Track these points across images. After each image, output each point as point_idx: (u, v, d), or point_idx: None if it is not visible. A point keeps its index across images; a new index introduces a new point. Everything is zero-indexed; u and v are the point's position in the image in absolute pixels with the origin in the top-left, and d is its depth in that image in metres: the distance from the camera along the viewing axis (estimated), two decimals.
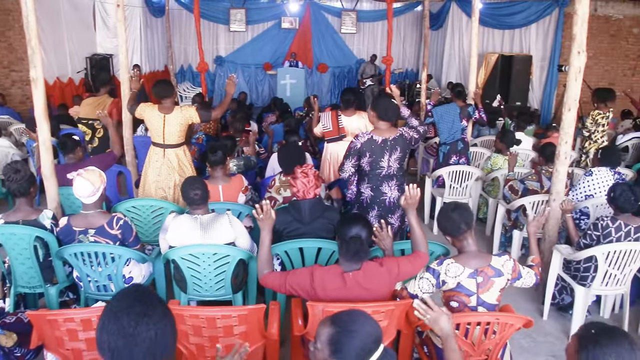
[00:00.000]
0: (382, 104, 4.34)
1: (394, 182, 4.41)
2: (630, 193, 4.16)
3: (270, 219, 3.32)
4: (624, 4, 14.21)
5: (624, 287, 4.38)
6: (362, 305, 2.94)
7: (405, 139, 4.35)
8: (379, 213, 4.40)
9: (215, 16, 14.69)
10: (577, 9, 4.14)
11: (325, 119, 5.92)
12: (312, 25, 15.11)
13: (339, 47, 15.48)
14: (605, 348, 1.98)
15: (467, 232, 3.16)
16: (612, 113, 7.41)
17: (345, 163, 4.36)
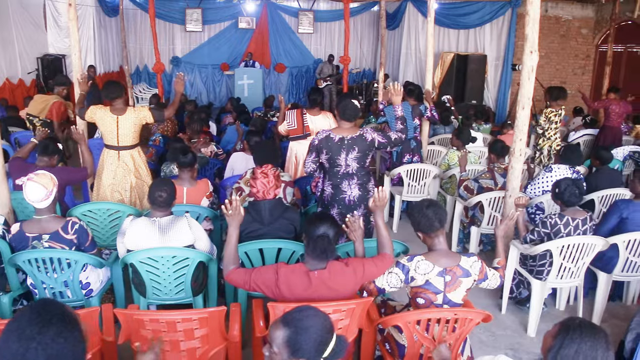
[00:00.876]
0: (342, 104, 4.38)
1: (355, 181, 4.42)
2: (574, 187, 4.29)
3: (239, 215, 3.29)
4: (573, 6, 14.64)
5: (578, 280, 4.51)
6: (324, 304, 2.95)
7: (365, 140, 4.34)
8: (339, 211, 4.42)
9: (171, 16, 14.51)
10: (529, 9, 4.23)
11: (291, 117, 5.93)
12: (269, 25, 15.07)
13: (297, 47, 15.48)
14: (585, 336, 2.05)
15: (440, 230, 3.20)
16: (564, 111, 7.62)
17: (307, 158, 4.43)
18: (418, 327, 3.09)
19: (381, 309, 3.64)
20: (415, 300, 3.22)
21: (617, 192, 5.66)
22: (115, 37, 13.58)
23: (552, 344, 2.11)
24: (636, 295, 5.10)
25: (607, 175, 6.05)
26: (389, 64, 14.69)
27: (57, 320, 1.66)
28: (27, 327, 1.60)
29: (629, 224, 4.59)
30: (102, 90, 5.37)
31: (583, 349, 2.04)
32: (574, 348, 2.05)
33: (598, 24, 14.80)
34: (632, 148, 8.31)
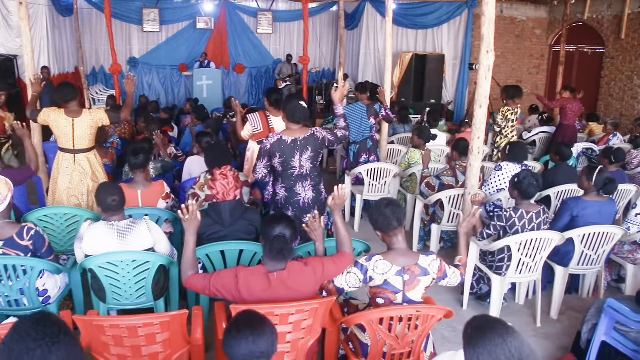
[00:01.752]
0: (290, 107, 4.32)
1: (308, 183, 4.40)
2: (532, 179, 4.39)
3: (196, 220, 3.26)
4: (527, 7, 14.97)
5: (536, 274, 4.62)
6: (286, 304, 2.95)
7: (317, 139, 4.34)
8: (293, 214, 4.38)
9: (128, 16, 14.26)
10: (485, 10, 4.30)
11: (255, 120, 5.87)
12: (227, 26, 14.94)
13: (256, 47, 15.39)
14: (477, 348, 2.04)
15: (398, 229, 3.22)
16: (520, 109, 7.78)
17: (258, 164, 4.33)
18: (381, 325, 3.11)
19: (344, 308, 3.65)
20: (375, 301, 3.24)
21: (573, 188, 5.81)
22: (70, 37, 13.27)
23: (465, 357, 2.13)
24: (591, 288, 5.25)
25: (564, 171, 6.21)
26: (348, 64, 14.75)
27: (45, 336, 1.71)
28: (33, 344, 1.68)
29: (579, 221, 4.71)
30: (55, 93, 5.24)
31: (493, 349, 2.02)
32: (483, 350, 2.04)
33: (551, 24, 15.18)
34: (586, 145, 8.54)
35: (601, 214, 4.75)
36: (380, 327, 3.11)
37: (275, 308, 2.92)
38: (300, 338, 3.12)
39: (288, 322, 3.01)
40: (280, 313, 2.95)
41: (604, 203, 4.79)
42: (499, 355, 2.00)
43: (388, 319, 3.10)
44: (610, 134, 9.19)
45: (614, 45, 13.10)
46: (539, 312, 4.70)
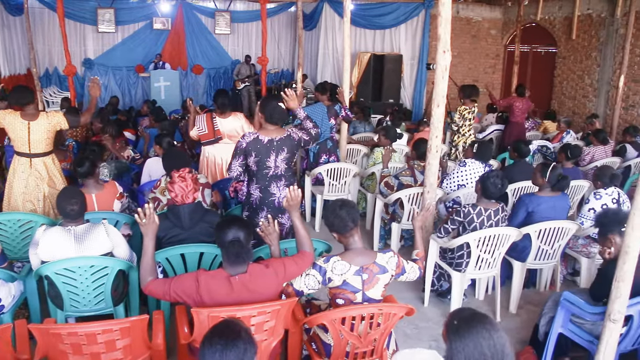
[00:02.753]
0: (269, 107, 4.30)
1: (283, 183, 4.40)
2: (499, 181, 4.48)
3: (154, 224, 3.21)
4: (482, 8, 15.26)
5: (495, 270, 4.70)
6: (248, 307, 2.93)
7: (293, 140, 4.35)
8: (268, 214, 4.38)
9: (82, 16, 13.93)
10: (441, 11, 4.36)
11: (201, 121, 5.85)
12: (185, 26, 14.76)
13: (214, 48, 15.26)
14: (464, 339, 2.09)
15: (354, 229, 3.23)
16: (477, 108, 7.92)
17: (232, 162, 4.30)
18: (343, 325, 3.12)
19: (306, 309, 3.65)
20: (335, 301, 3.25)
21: (530, 184, 5.93)
22: (21, 37, 12.89)
23: (446, 345, 2.17)
24: (548, 282, 5.38)
25: (521, 168, 6.34)
26: (307, 65, 14.76)
27: None
28: None
29: (535, 216, 4.83)
30: (11, 96, 5.10)
31: (468, 347, 2.08)
32: (461, 347, 2.09)
33: (505, 25, 15.50)
34: (541, 142, 8.74)
35: (555, 209, 4.88)
36: (343, 327, 3.12)
37: (237, 310, 2.90)
38: (263, 340, 3.11)
39: (250, 324, 2.99)
40: (242, 315, 2.93)
41: (557, 198, 4.92)
42: (483, 347, 2.05)
43: (350, 318, 3.11)
44: (564, 131, 9.43)
45: (565, 46, 13.46)
46: (498, 306, 4.79)
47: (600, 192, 5.27)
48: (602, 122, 11.40)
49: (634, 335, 3.53)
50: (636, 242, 3.00)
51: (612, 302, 3.15)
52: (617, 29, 11.88)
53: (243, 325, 2.26)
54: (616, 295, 3.12)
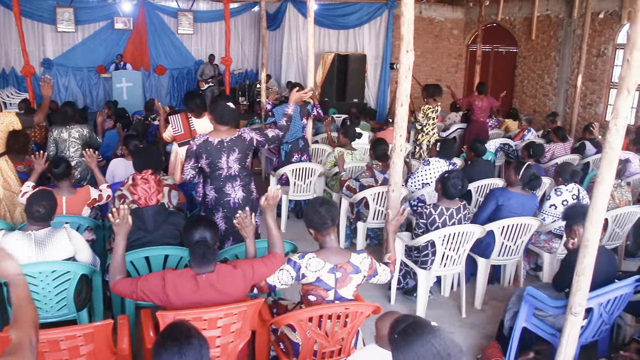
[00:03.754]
0: (218, 109, 4.25)
1: (238, 183, 4.36)
2: (458, 181, 4.53)
3: (127, 224, 3.18)
4: (444, 8, 15.45)
5: (459, 267, 4.76)
6: (214, 309, 2.91)
7: (244, 140, 4.30)
8: (224, 214, 4.34)
9: (40, 15, 13.61)
10: (404, 11, 4.38)
11: (176, 122, 5.76)
12: (147, 26, 14.56)
13: (177, 48, 15.10)
14: (404, 352, 2.07)
15: (331, 227, 3.25)
16: (440, 107, 8.00)
17: (186, 165, 4.27)
18: (310, 324, 3.12)
19: (273, 309, 3.64)
20: (307, 298, 3.25)
21: (492, 182, 6.04)
22: None
23: None
24: (512, 277, 5.47)
25: (482, 166, 6.44)
26: (271, 65, 14.72)
27: None
28: None
29: (503, 210, 4.92)
30: None
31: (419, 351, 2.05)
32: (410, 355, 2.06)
33: (467, 25, 15.72)
34: (503, 141, 8.88)
35: (524, 207, 4.97)
36: (310, 326, 3.12)
37: (203, 312, 2.88)
38: (230, 342, 3.09)
39: (217, 326, 2.97)
40: (209, 317, 2.91)
41: (527, 197, 5.02)
42: (426, 356, 2.03)
43: (317, 318, 3.11)
44: (525, 129, 9.59)
45: (525, 46, 13.71)
46: (463, 303, 4.85)
47: (561, 189, 5.38)
48: (562, 120, 11.64)
49: (594, 327, 3.62)
50: (595, 236, 3.08)
51: (572, 295, 3.22)
52: (575, 30, 12.16)
53: (190, 325, 2.26)
54: (577, 288, 3.19)
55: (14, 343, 1.92)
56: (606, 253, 3.76)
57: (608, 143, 2.93)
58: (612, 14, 11.29)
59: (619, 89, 2.87)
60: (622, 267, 5.71)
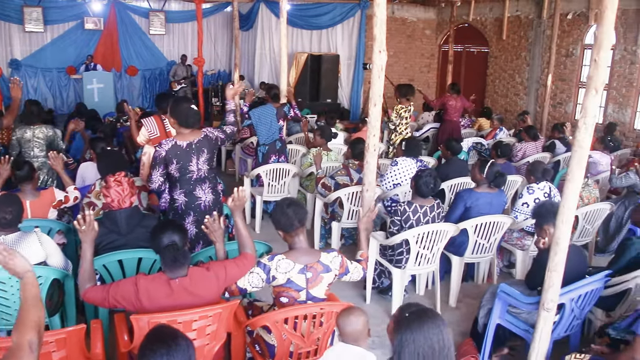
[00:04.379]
0: (181, 112, 4.19)
1: (207, 185, 4.34)
2: (430, 179, 4.57)
3: (93, 231, 3.14)
4: (416, 8, 15.56)
5: (434, 265, 4.80)
6: (189, 311, 2.89)
7: (211, 140, 4.30)
8: (195, 218, 4.30)
9: (6, 14, 13.30)
10: (376, 11, 4.41)
11: (151, 124, 5.67)
12: (118, 26, 14.34)
13: (148, 48, 14.92)
14: (415, 332, 2.17)
15: (300, 228, 3.25)
16: (413, 107, 8.06)
17: (153, 174, 4.17)
18: (286, 325, 3.11)
19: (248, 311, 3.62)
20: (279, 300, 3.25)
21: (465, 181, 6.09)
22: None
23: (392, 339, 2.23)
24: (485, 275, 5.52)
25: (456, 165, 6.50)
26: (244, 65, 14.64)
27: None
28: None
29: (472, 211, 4.96)
30: None
31: (419, 338, 2.17)
32: (411, 338, 2.17)
33: (440, 25, 15.85)
34: (475, 140, 8.98)
35: (492, 205, 5.02)
36: (286, 327, 3.12)
37: (178, 315, 2.86)
38: (205, 344, 3.07)
39: (192, 329, 2.95)
40: (183, 320, 2.89)
41: (494, 194, 5.07)
42: (433, 341, 2.15)
43: (293, 318, 3.11)
44: (497, 128, 9.71)
45: (496, 46, 13.88)
46: (438, 301, 4.89)
47: (532, 187, 5.46)
48: (533, 119, 11.81)
49: (566, 322, 3.68)
50: (566, 234, 3.14)
51: (545, 291, 3.27)
52: (544, 30, 12.35)
53: (173, 327, 2.26)
54: (549, 285, 3.24)
55: (13, 346, 1.95)
56: (576, 250, 3.82)
57: (577, 141, 2.98)
58: (579, 15, 11.50)
59: (587, 88, 2.93)
60: (592, 263, 5.81)
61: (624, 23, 10.49)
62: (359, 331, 2.65)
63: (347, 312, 2.71)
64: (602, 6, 2.84)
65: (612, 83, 10.88)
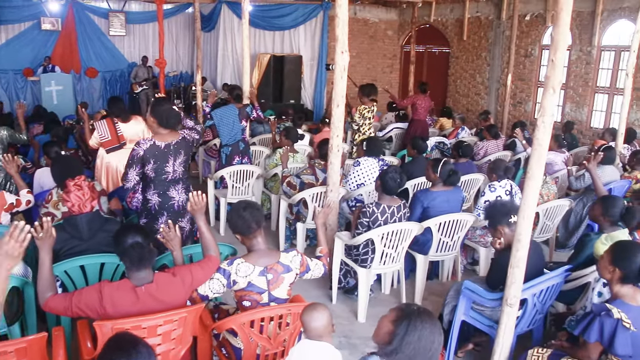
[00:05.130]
0: (162, 111, 4.18)
1: (181, 186, 4.34)
2: (396, 175, 4.61)
3: (51, 238, 3.05)
4: (378, 9, 15.67)
5: (399, 264, 4.84)
6: (154, 316, 2.85)
7: (188, 142, 4.32)
8: (168, 218, 4.26)
9: None
10: (338, 12, 4.43)
11: (102, 128, 5.60)
12: (76, 27, 14.03)
13: (109, 50, 14.66)
14: (419, 331, 2.23)
15: (257, 231, 3.24)
16: (376, 107, 8.11)
17: (129, 172, 4.13)
18: (252, 327, 3.10)
19: (214, 314, 3.59)
20: (242, 304, 3.24)
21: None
22: None
23: (395, 330, 2.26)
24: (450, 272, 5.59)
25: (420, 164, 6.55)
26: (207, 66, 14.53)
27: None
28: None
29: (431, 211, 5.02)
30: None
31: (424, 335, 2.22)
32: (417, 334, 2.22)
33: (401, 26, 16.00)
34: (438, 139, 9.08)
35: (449, 202, 5.09)
36: (252, 330, 3.10)
37: (142, 320, 2.82)
38: (171, 349, 3.04)
39: (157, 334, 2.92)
40: (148, 325, 2.85)
41: (450, 192, 5.14)
42: (426, 342, 2.22)
43: (259, 320, 3.10)
44: (459, 127, 9.85)
45: (457, 46, 14.08)
46: (404, 299, 4.93)
47: (494, 185, 5.55)
48: (494, 117, 12.02)
49: (528, 317, 3.75)
50: (527, 230, 3.20)
51: (508, 287, 3.32)
52: (504, 31, 12.58)
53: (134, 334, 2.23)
54: (511, 280, 3.30)
55: None
56: (534, 246, 3.89)
57: (536, 140, 3.05)
58: (537, 16, 11.75)
59: (545, 87, 2.99)
60: (553, 258, 5.94)
61: (579, 24, 10.76)
62: (323, 327, 2.67)
63: (310, 308, 2.71)
64: (558, 8, 2.91)
65: (570, 82, 11.15)
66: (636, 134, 8.59)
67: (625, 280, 3.08)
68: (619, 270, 3.08)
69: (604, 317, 2.96)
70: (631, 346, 2.91)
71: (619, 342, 2.90)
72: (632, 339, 2.91)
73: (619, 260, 3.09)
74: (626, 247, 3.22)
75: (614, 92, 10.52)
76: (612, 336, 2.92)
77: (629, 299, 3.04)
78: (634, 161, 6.47)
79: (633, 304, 3.02)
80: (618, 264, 3.09)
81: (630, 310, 2.96)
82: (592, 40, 10.57)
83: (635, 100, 9.71)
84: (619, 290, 3.09)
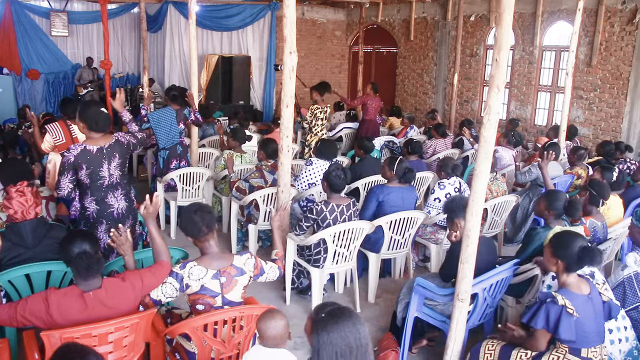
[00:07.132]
0: (91, 115, 4.04)
1: (120, 192, 4.22)
2: (340, 172, 4.65)
3: None
4: (326, 10, 15.74)
5: (351, 263, 4.87)
6: (104, 323, 2.78)
7: (122, 144, 4.19)
8: (108, 227, 4.15)
9: None
10: (286, 12, 4.42)
11: (55, 130, 5.41)
12: (15, 26, 13.54)
13: (51, 51, 14.21)
14: (331, 332, 2.19)
15: (210, 233, 3.20)
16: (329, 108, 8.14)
17: (62, 180, 3.99)
18: (206, 331, 3.06)
19: (167, 319, 3.54)
20: (195, 307, 3.20)
21: (378, 179, 6.21)
22: None
23: (311, 339, 2.25)
24: (402, 270, 5.66)
25: (370, 163, 6.63)
26: (154, 68, 14.27)
27: None
28: None
29: (385, 205, 5.09)
30: None
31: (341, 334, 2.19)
32: (331, 336, 2.19)
33: (349, 26, 16.11)
34: (387, 138, 9.18)
35: (404, 200, 5.16)
36: (206, 333, 3.07)
37: (92, 329, 2.75)
38: (124, 356, 2.97)
39: (108, 342, 2.85)
40: (99, 333, 2.78)
41: (405, 189, 5.21)
42: (349, 339, 2.17)
43: (212, 324, 3.07)
44: (408, 127, 9.98)
45: (405, 46, 14.28)
46: (357, 297, 4.96)
47: (444, 182, 5.64)
48: (442, 116, 12.24)
49: (480, 311, 3.83)
50: (476, 226, 3.27)
51: (459, 283, 3.39)
52: (449, 31, 12.82)
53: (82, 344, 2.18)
54: (462, 276, 3.37)
55: None
56: (486, 241, 3.98)
57: (483, 137, 3.12)
58: (481, 17, 12.02)
59: (490, 86, 3.07)
60: (502, 253, 6.09)
61: (522, 25, 11.07)
62: (279, 335, 2.66)
63: (267, 317, 2.70)
64: (501, 9, 2.99)
65: (514, 81, 11.45)
66: (577, 131, 8.90)
67: (569, 269, 3.19)
68: (561, 261, 3.19)
69: (550, 304, 3.07)
70: (575, 332, 3.03)
71: (563, 327, 3.02)
72: (575, 325, 3.04)
73: (559, 251, 3.22)
74: (563, 237, 3.34)
75: (555, 90, 10.86)
76: (557, 322, 3.04)
77: (574, 288, 3.16)
78: (574, 157, 6.68)
79: (577, 292, 3.15)
80: (559, 254, 3.21)
81: (574, 299, 3.08)
82: (534, 41, 10.89)
83: (575, 99, 10.05)
84: (565, 280, 3.21)
